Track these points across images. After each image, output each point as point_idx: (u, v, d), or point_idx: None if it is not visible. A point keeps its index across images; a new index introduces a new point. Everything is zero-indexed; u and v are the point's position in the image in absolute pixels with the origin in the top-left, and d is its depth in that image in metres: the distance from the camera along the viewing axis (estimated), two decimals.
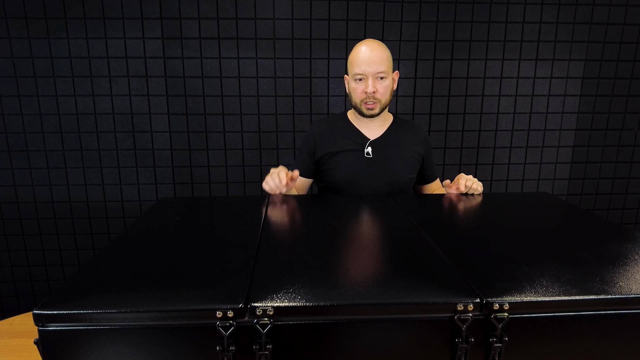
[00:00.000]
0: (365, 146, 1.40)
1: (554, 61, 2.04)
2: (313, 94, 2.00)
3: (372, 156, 1.39)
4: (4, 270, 2.09)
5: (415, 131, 1.46)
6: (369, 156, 1.39)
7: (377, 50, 1.30)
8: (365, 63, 1.29)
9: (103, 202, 2.04)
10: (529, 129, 2.11)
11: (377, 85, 1.31)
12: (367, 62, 1.29)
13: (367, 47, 1.31)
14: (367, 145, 1.40)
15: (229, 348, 0.62)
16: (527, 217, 1.10)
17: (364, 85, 1.32)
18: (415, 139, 1.44)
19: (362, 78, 1.32)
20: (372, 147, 1.40)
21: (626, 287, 0.68)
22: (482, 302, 0.64)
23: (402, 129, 1.45)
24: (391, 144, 1.41)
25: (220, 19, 1.90)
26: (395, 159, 1.40)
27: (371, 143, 1.40)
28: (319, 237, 0.91)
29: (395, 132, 1.43)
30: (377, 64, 1.29)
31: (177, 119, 1.99)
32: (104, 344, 0.62)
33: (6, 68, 1.88)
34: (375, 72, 1.30)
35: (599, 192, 2.21)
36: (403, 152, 1.41)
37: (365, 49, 1.31)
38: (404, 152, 1.41)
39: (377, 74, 1.30)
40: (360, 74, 1.31)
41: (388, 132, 1.43)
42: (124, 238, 0.90)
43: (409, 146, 1.42)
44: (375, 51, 1.30)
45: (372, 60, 1.29)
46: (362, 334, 0.65)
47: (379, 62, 1.29)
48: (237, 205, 1.18)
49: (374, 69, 1.29)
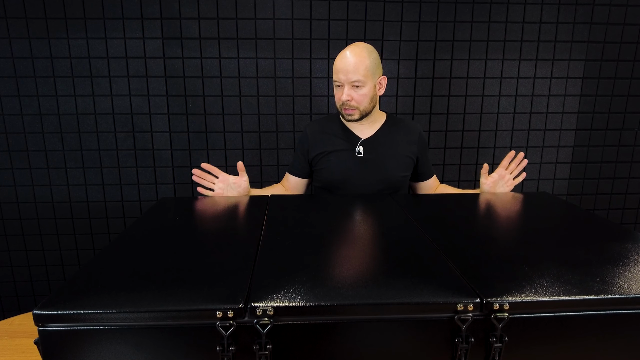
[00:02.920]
0: (357, 145, 1.41)
1: (554, 61, 2.04)
2: (313, 94, 2.00)
3: (363, 155, 1.40)
4: (4, 270, 2.09)
5: (408, 130, 1.46)
6: (360, 155, 1.40)
7: (355, 57, 1.29)
8: (341, 71, 1.30)
9: (103, 202, 2.04)
10: (529, 129, 2.11)
11: (352, 93, 1.32)
12: (343, 70, 1.30)
13: (345, 55, 1.30)
14: (359, 145, 1.41)
15: (229, 348, 0.62)
16: (527, 217, 1.10)
17: (340, 92, 1.34)
18: (409, 137, 1.44)
19: (339, 85, 1.34)
20: (363, 146, 1.40)
21: (626, 287, 0.68)
22: (482, 302, 0.64)
23: (395, 128, 1.45)
24: (383, 143, 1.42)
25: (220, 19, 1.90)
26: (386, 158, 1.40)
27: (362, 142, 1.41)
28: (319, 237, 0.91)
29: (387, 131, 1.44)
30: (351, 72, 1.29)
31: (177, 119, 1.99)
32: (104, 344, 0.62)
33: (6, 68, 1.88)
34: (349, 80, 1.30)
35: (599, 192, 2.20)
36: (395, 151, 1.41)
37: (344, 56, 1.30)
38: (396, 151, 1.41)
39: (352, 83, 1.30)
40: (337, 81, 1.34)
41: (380, 131, 1.43)
42: (124, 238, 0.90)
43: (401, 145, 1.43)
44: (352, 59, 1.29)
45: (346, 69, 1.29)
46: (362, 334, 0.65)
47: (354, 71, 1.29)
48: (237, 206, 1.18)
49: (348, 77, 1.30)
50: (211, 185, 1.34)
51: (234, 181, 1.33)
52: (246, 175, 1.34)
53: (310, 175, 1.50)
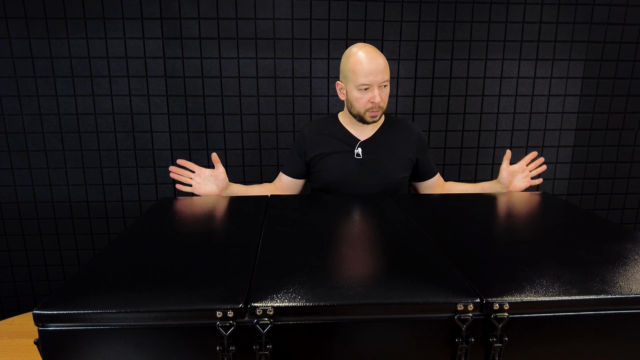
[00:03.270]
0: (355, 147, 1.40)
1: (554, 61, 2.04)
2: (313, 94, 2.00)
3: (362, 157, 1.39)
4: (4, 270, 2.09)
5: (406, 130, 1.45)
6: (359, 157, 1.39)
7: (380, 58, 1.29)
8: (372, 74, 1.28)
9: (103, 202, 2.04)
10: (529, 129, 2.11)
11: (382, 94, 1.32)
12: (374, 72, 1.27)
13: (369, 56, 1.28)
14: (357, 146, 1.40)
15: (229, 348, 0.62)
16: (527, 217, 1.10)
17: (370, 95, 1.30)
18: (407, 138, 1.44)
19: (368, 88, 1.30)
20: (362, 147, 1.40)
21: (626, 287, 0.68)
22: (482, 302, 0.64)
23: (393, 129, 1.45)
24: (381, 144, 1.41)
25: (220, 19, 1.90)
26: (385, 159, 1.40)
27: (361, 144, 1.41)
28: (319, 237, 0.91)
29: (386, 132, 1.44)
30: (382, 73, 1.29)
31: (177, 119, 1.99)
32: (104, 344, 0.62)
33: (6, 68, 1.88)
34: (380, 81, 1.29)
35: (599, 192, 2.20)
36: (394, 152, 1.41)
37: (368, 58, 1.28)
38: (395, 152, 1.41)
39: (382, 83, 1.30)
40: (367, 84, 1.29)
41: (378, 132, 1.43)
42: (124, 238, 0.90)
43: (400, 146, 1.42)
44: (381, 60, 1.29)
45: (378, 69, 1.28)
46: (362, 334, 0.65)
47: (384, 70, 1.29)
48: (237, 205, 1.18)
49: (379, 78, 1.28)
50: (189, 180, 1.34)
51: (210, 174, 1.34)
52: (222, 167, 1.34)
53: (305, 177, 1.49)
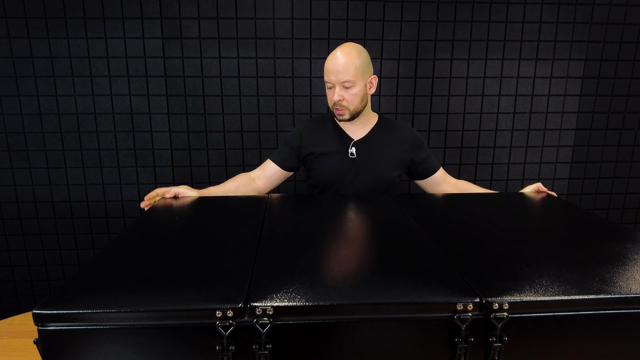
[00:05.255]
0: (349, 146, 1.41)
1: (554, 61, 2.04)
2: (313, 93, 2.00)
3: (355, 156, 1.41)
4: (4, 270, 2.09)
5: (399, 130, 1.46)
6: (352, 156, 1.41)
7: (345, 58, 1.29)
8: (332, 72, 1.31)
9: (103, 202, 2.04)
10: (529, 129, 2.11)
11: (343, 93, 1.33)
12: (333, 71, 1.31)
13: (336, 56, 1.31)
14: (351, 146, 1.41)
15: (228, 348, 0.62)
16: (527, 217, 1.10)
17: (332, 93, 1.35)
18: (400, 137, 1.45)
19: (330, 86, 1.35)
20: (356, 147, 1.41)
21: (626, 287, 0.68)
22: (482, 302, 0.64)
23: (387, 129, 1.46)
24: (375, 144, 1.42)
25: (220, 18, 1.90)
26: (378, 159, 1.41)
27: (355, 143, 1.42)
28: (319, 237, 0.92)
29: (379, 132, 1.45)
30: (341, 73, 1.30)
31: (177, 118, 1.99)
32: (104, 343, 0.62)
33: (6, 68, 1.88)
34: (340, 81, 1.31)
35: (599, 192, 2.20)
36: (387, 152, 1.42)
37: (334, 57, 1.31)
38: (388, 152, 1.42)
39: (342, 83, 1.31)
40: (328, 82, 1.35)
41: (372, 132, 1.44)
42: (124, 238, 0.90)
43: (393, 145, 1.43)
44: (342, 59, 1.29)
45: (337, 69, 1.30)
46: (362, 334, 0.65)
47: (344, 71, 1.30)
48: (237, 205, 1.18)
49: (338, 77, 1.31)
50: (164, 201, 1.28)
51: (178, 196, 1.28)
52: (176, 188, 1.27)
53: (292, 170, 1.49)
